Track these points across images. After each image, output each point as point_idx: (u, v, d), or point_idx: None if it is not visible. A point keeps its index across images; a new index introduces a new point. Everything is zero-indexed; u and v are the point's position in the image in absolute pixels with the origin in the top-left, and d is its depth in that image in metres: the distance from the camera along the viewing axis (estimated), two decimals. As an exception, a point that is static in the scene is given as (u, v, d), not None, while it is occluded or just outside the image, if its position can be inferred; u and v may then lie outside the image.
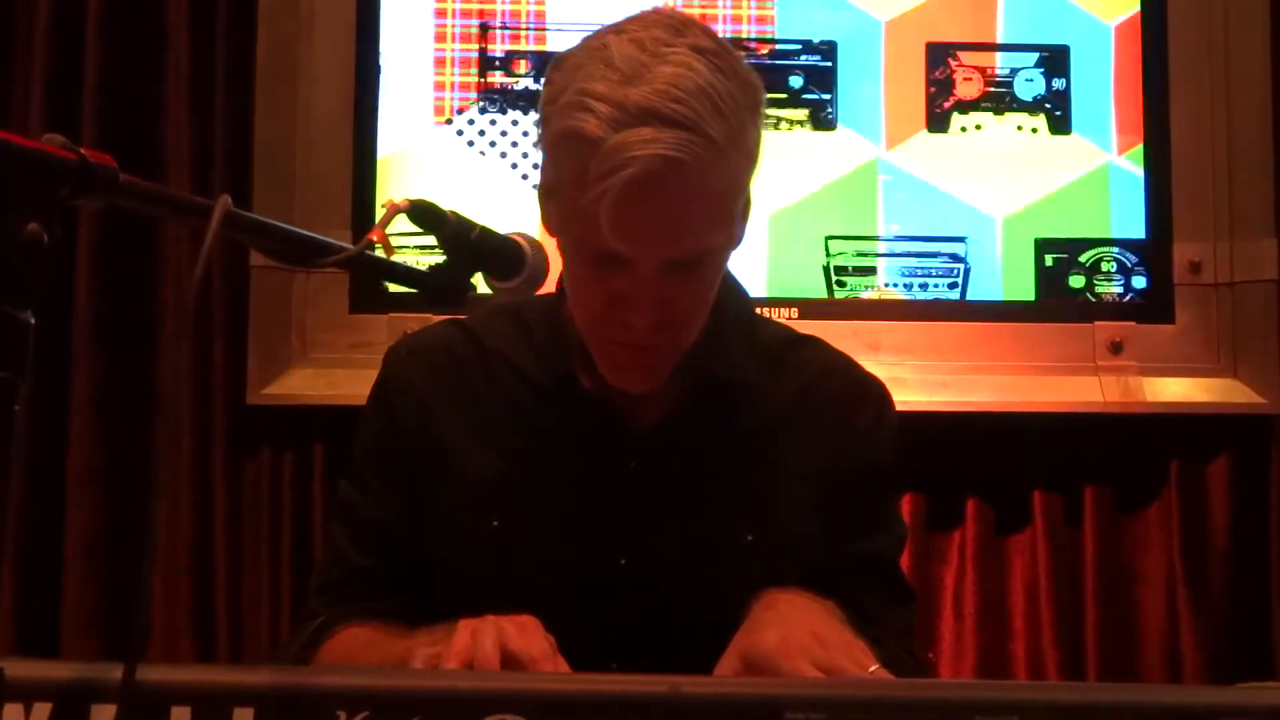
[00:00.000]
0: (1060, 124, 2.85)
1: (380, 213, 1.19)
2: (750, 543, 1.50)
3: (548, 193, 1.44)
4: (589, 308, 1.43)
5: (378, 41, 2.83)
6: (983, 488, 2.79)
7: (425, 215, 1.22)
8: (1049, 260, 2.82)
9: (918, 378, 2.72)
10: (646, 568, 1.48)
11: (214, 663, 2.69)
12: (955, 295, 2.80)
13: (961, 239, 2.81)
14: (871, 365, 1.63)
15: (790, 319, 2.69)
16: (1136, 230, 2.83)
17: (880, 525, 1.60)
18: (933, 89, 2.85)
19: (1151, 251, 2.83)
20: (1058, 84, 2.84)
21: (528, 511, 1.51)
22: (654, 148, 1.30)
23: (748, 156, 1.40)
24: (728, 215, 1.41)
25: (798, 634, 1.22)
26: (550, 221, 1.46)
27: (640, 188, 1.31)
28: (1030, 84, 2.84)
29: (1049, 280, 2.82)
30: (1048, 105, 2.84)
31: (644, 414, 1.52)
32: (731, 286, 1.58)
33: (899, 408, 1.62)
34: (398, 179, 2.81)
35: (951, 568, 2.78)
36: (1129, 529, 2.82)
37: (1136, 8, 2.87)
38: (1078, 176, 2.85)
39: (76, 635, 2.70)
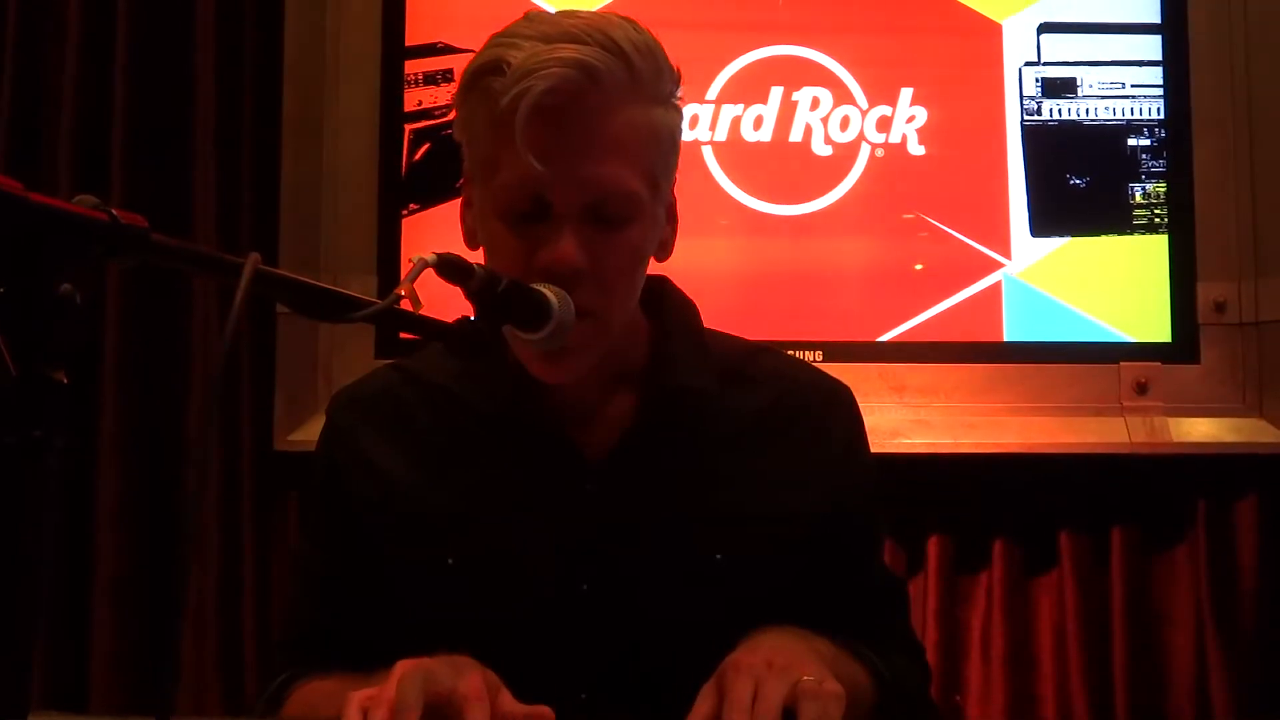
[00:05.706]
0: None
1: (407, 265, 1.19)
2: (719, 561, 1.43)
3: (468, 174, 1.43)
4: (511, 271, 1.31)
5: (402, 90, 2.85)
6: (1009, 529, 2.78)
7: (452, 268, 1.21)
8: (1073, 301, 2.82)
9: (943, 419, 2.69)
10: (609, 593, 1.42)
11: (241, 700, 2.72)
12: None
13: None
14: (897, 407, 1.62)
15: (816, 360, 2.69)
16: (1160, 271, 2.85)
17: (869, 554, 1.57)
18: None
19: (1176, 291, 2.83)
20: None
21: (482, 546, 1.44)
22: (570, 52, 1.30)
23: (666, 123, 1.39)
24: (645, 165, 1.37)
25: (752, 656, 1.22)
26: (469, 207, 1.44)
27: (556, 96, 1.30)
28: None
29: (1073, 322, 2.82)
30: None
31: (598, 435, 1.46)
32: (676, 300, 1.55)
33: (924, 450, 1.61)
34: (422, 227, 2.83)
35: (979, 610, 2.77)
36: (1156, 570, 2.80)
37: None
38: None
39: (104, 675, 2.71)
